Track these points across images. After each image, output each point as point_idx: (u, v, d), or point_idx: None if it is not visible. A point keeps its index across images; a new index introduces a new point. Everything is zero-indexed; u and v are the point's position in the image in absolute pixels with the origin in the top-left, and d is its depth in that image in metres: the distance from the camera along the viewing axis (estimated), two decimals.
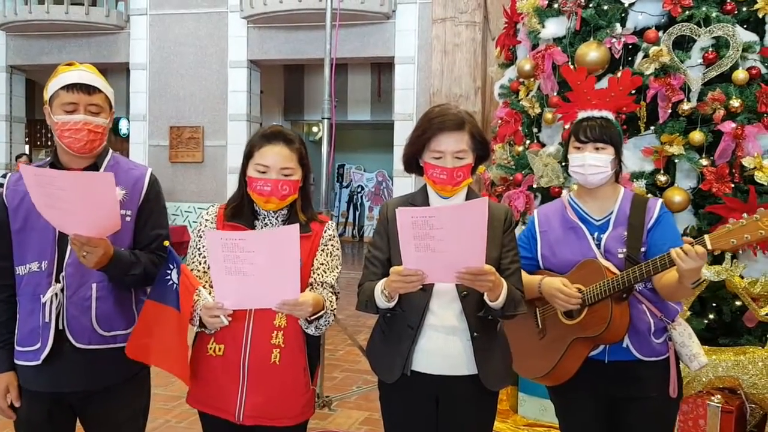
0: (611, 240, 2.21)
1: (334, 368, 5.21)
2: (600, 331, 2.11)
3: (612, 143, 2.23)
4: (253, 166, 2.09)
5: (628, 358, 2.19)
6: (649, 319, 2.20)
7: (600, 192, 2.27)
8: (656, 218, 2.21)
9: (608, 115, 2.31)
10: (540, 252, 2.34)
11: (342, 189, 16.17)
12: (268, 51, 10.69)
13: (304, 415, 2.14)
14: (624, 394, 2.21)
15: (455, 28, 7.40)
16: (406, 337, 2.07)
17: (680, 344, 2.21)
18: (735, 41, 3.56)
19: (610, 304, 2.10)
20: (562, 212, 2.33)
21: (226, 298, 1.86)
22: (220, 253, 1.78)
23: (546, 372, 2.25)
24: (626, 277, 2.08)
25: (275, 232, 1.86)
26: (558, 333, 2.24)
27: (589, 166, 2.21)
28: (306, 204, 2.17)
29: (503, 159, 4.55)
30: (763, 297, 3.34)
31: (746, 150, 3.49)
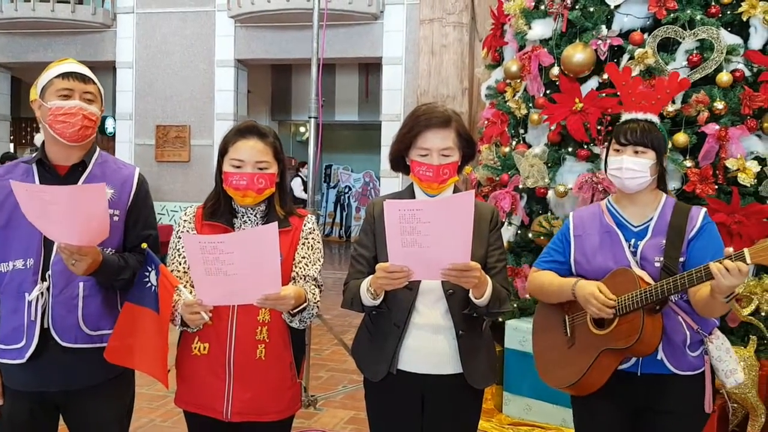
0: (648, 248, 2.11)
1: (320, 368, 5.20)
2: (631, 343, 2.00)
3: (653, 147, 2.12)
4: (228, 161, 2.09)
5: (662, 371, 2.09)
6: (685, 331, 2.08)
7: (640, 198, 2.17)
8: (699, 228, 2.10)
9: (653, 118, 2.21)
10: (573, 257, 2.24)
11: (329, 189, 16.16)
12: (255, 50, 10.66)
13: (291, 409, 2.15)
14: (655, 407, 2.11)
15: (443, 29, 7.41)
16: (392, 335, 2.07)
17: (717, 359, 2.09)
18: (719, 44, 3.59)
19: (641, 316, 2.00)
20: (600, 216, 2.22)
21: (208, 296, 1.86)
22: (199, 256, 1.79)
23: (573, 382, 2.14)
24: (660, 289, 1.97)
25: (253, 232, 1.87)
26: (587, 342, 2.14)
27: (626, 170, 2.11)
28: (284, 199, 2.17)
29: (490, 160, 4.57)
30: (745, 297, 3.38)
31: (730, 152, 3.52)
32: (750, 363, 3.20)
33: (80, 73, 2.06)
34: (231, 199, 2.13)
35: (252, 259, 1.78)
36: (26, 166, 2.11)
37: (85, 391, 2.10)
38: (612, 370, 2.09)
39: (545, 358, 2.27)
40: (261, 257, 1.79)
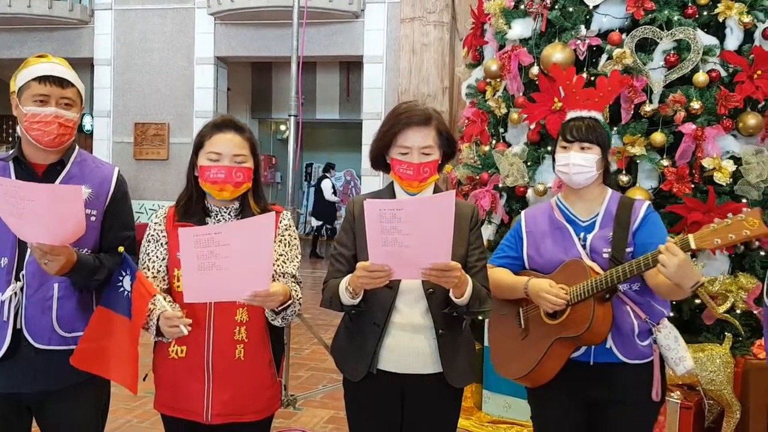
0: (597, 240, 2.18)
1: (299, 367, 5.18)
2: (581, 331, 2.06)
3: (599, 143, 2.20)
4: (204, 155, 2.06)
5: (611, 360, 2.14)
6: (633, 320, 2.15)
7: (587, 193, 2.25)
8: (642, 218, 2.18)
9: (597, 115, 2.28)
10: (526, 252, 2.32)
11: (310, 188, 16.09)
12: (235, 48, 10.60)
13: (270, 408, 2.14)
14: (605, 396, 2.16)
15: (423, 27, 7.41)
16: (371, 335, 2.06)
17: (665, 347, 2.16)
18: (696, 44, 3.63)
19: (592, 304, 2.06)
20: (550, 213, 2.30)
21: (195, 293, 1.83)
22: (193, 250, 1.76)
23: (527, 372, 2.20)
24: (609, 277, 2.04)
25: (252, 222, 1.84)
26: (540, 333, 2.20)
27: (573, 166, 2.18)
28: (258, 195, 2.15)
29: (470, 158, 4.58)
30: (721, 295, 3.42)
31: (706, 151, 3.56)
32: (725, 360, 3.24)
33: (58, 78, 2.00)
34: (204, 197, 2.11)
35: (246, 252, 1.76)
36: (2, 163, 2.06)
37: (58, 392, 2.06)
38: (564, 360, 2.14)
39: (500, 351, 2.31)
40: (255, 249, 1.77)
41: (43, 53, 2.12)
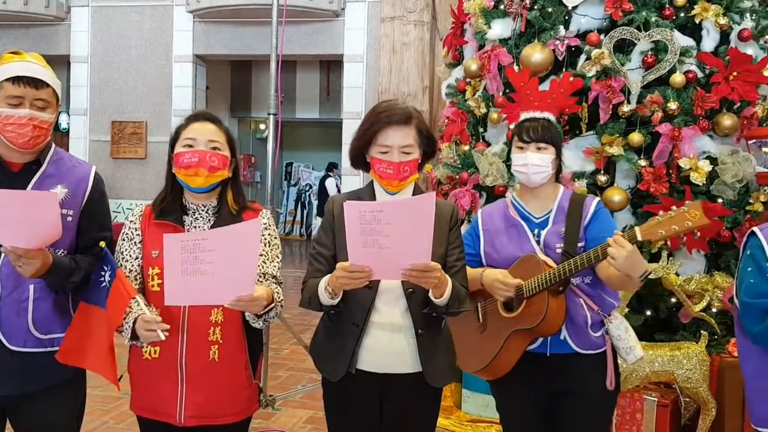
0: (550, 236, 2.28)
1: (279, 367, 5.16)
2: (536, 322, 2.15)
3: (553, 143, 2.30)
4: (179, 144, 2.05)
5: (566, 351, 2.24)
6: (586, 312, 2.25)
7: (540, 191, 2.34)
8: (592, 214, 2.28)
9: (550, 116, 2.38)
10: (483, 249, 2.39)
11: (290, 187, 16.05)
12: (214, 46, 10.52)
13: (247, 410, 2.11)
14: (562, 386, 2.25)
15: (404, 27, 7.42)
16: (350, 335, 2.05)
17: (616, 337, 2.27)
18: (673, 46, 3.66)
19: (546, 297, 2.16)
20: (505, 211, 2.39)
21: (177, 296, 1.81)
22: (178, 255, 1.74)
23: (485, 365, 2.28)
24: (562, 270, 2.13)
25: (239, 228, 1.83)
26: (497, 326, 2.28)
27: (531, 166, 2.27)
28: (237, 193, 2.12)
29: (450, 158, 4.58)
30: (697, 294, 3.46)
31: (683, 151, 3.60)
32: (701, 358, 3.27)
33: (32, 78, 1.96)
34: (181, 195, 2.08)
35: (231, 258, 1.75)
36: None
37: (34, 394, 2.03)
38: (521, 352, 2.23)
39: (460, 345, 2.35)
40: (241, 255, 1.76)
41: (17, 50, 2.07)
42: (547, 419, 2.30)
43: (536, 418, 2.30)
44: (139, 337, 1.91)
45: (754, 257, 1.98)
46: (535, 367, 2.25)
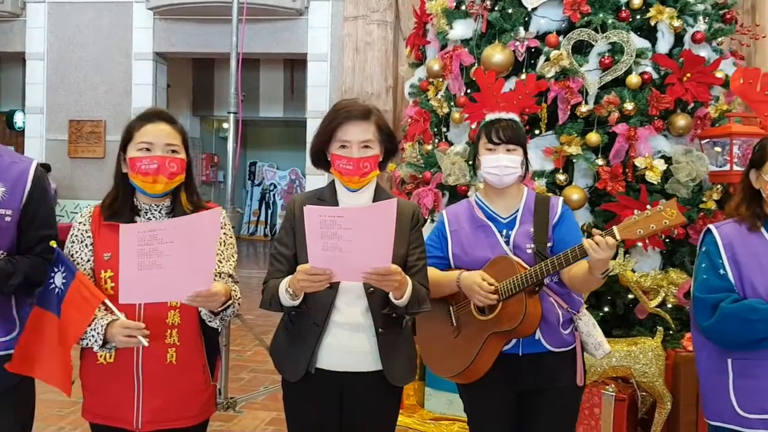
0: (519, 236, 2.27)
1: (241, 369, 5.11)
2: (515, 324, 2.14)
3: (520, 144, 2.31)
4: (134, 147, 1.98)
5: (540, 350, 2.25)
6: (557, 311, 2.27)
7: (507, 191, 2.34)
8: (560, 215, 2.31)
9: (514, 117, 2.38)
10: (451, 251, 2.37)
11: (254, 187, 15.92)
12: (175, 44, 10.37)
13: (205, 413, 2.09)
14: (534, 384, 2.26)
15: (367, 26, 7.42)
16: (311, 334, 2.05)
17: (586, 334, 2.31)
18: (629, 47, 3.74)
19: (524, 298, 2.15)
20: (471, 212, 2.37)
21: (132, 294, 1.77)
22: (135, 248, 1.69)
23: (462, 369, 2.25)
24: (538, 271, 2.13)
25: (197, 219, 1.80)
26: (473, 330, 2.26)
27: (504, 167, 2.27)
28: (191, 191, 2.09)
29: (413, 157, 4.60)
30: (652, 290, 3.53)
31: (638, 151, 3.67)
32: (657, 353, 3.34)
33: None
34: (132, 195, 2.03)
35: (190, 250, 1.71)
36: None
37: None
38: (497, 354, 2.23)
39: (432, 349, 2.36)
40: (199, 248, 1.73)
41: None
42: (517, 419, 2.30)
43: (507, 419, 2.29)
44: (114, 343, 1.86)
45: (708, 254, 2.04)
46: (507, 368, 2.24)
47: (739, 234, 2.02)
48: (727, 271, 1.99)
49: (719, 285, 1.98)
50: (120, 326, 1.84)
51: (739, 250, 2.00)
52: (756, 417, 1.94)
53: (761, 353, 1.93)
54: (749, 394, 1.95)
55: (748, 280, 1.96)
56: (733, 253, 2.00)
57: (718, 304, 1.95)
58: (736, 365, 1.98)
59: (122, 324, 1.84)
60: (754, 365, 1.95)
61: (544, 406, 2.27)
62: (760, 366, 1.94)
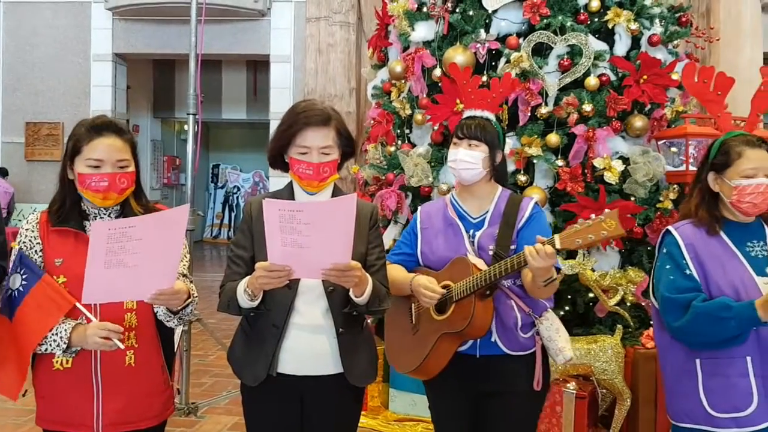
0: (484, 237, 2.27)
1: (203, 374, 5.05)
2: (463, 326, 2.14)
3: (486, 142, 2.28)
4: (82, 162, 1.93)
5: (496, 353, 2.23)
6: (516, 314, 2.24)
7: (478, 190, 2.33)
8: (528, 217, 2.27)
9: (490, 115, 2.39)
10: (420, 249, 2.37)
11: (217, 190, 15.74)
12: (135, 45, 10.20)
13: (164, 414, 2.08)
14: (492, 388, 2.25)
15: (329, 27, 7.40)
16: (270, 337, 2.03)
17: (547, 338, 2.25)
18: (587, 50, 3.79)
19: (473, 301, 2.14)
20: (444, 210, 2.37)
21: (95, 293, 1.74)
22: (104, 245, 1.66)
23: (416, 366, 2.27)
24: (487, 275, 2.11)
25: (166, 215, 1.78)
26: (429, 328, 2.27)
27: (460, 161, 2.27)
28: (139, 195, 2.06)
29: (376, 159, 4.60)
30: (612, 289, 3.59)
31: (597, 152, 3.73)
32: (617, 351, 3.40)
33: None
34: (79, 200, 1.99)
35: (157, 248, 1.69)
36: None
37: None
38: (451, 354, 2.22)
39: (394, 345, 2.37)
40: (166, 245, 1.71)
41: None
42: (476, 419, 2.29)
43: (466, 417, 2.29)
44: (83, 345, 1.84)
45: (671, 255, 2.04)
46: (465, 368, 2.24)
47: (699, 235, 2.04)
48: (692, 271, 2.00)
49: (687, 285, 1.99)
50: (97, 327, 1.82)
51: (701, 251, 2.01)
52: (727, 416, 1.95)
53: (731, 351, 1.95)
54: (720, 393, 1.96)
55: (713, 280, 1.98)
56: (695, 253, 2.01)
57: (689, 304, 1.95)
58: (705, 365, 1.99)
59: (100, 325, 1.81)
60: (724, 364, 1.96)
61: (500, 411, 2.25)
62: (731, 365, 1.95)
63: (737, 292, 1.95)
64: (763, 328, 1.94)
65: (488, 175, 2.31)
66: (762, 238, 2.06)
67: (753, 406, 1.93)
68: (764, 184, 1.99)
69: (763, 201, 2.00)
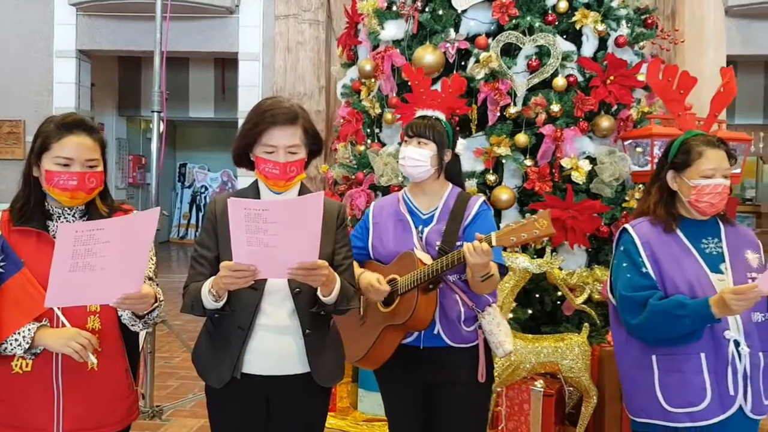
0: (432, 233, 2.33)
1: (169, 376, 4.97)
2: (405, 319, 2.22)
3: (434, 140, 2.34)
4: (51, 159, 1.89)
5: (439, 345, 2.30)
6: (460, 308, 2.31)
7: (428, 187, 2.39)
8: (474, 214, 2.34)
9: (440, 115, 2.44)
10: (371, 242, 2.43)
11: (184, 189, 15.52)
12: (99, 41, 10.00)
13: (128, 418, 2.03)
14: (436, 379, 2.31)
15: (298, 25, 7.35)
16: (235, 338, 1.99)
17: (488, 332, 2.33)
18: (555, 50, 3.82)
19: (416, 294, 2.21)
20: (396, 205, 2.44)
21: (59, 297, 1.70)
22: (70, 248, 1.62)
23: (361, 356, 2.35)
24: (429, 269, 2.18)
25: (135, 218, 1.75)
26: (375, 319, 2.35)
27: (408, 158, 2.34)
28: (105, 194, 2.01)
29: (345, 158, 4.57)
30: (579, 287, 3.62)
31: (565, 151, 3.76)
32: (583, 349, 3.42)
33: None
34: (43, 199, 1.94)
35: (125, 251, 1.65)
36: None
37: None
38: (396, 345, 2.31)
39: (343, 335, 2.37)
40: (135, 249, 1.67)
41: None
42: (425, 408, 2.36)
43: (415, 406, 2.35)
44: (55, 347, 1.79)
45: (628, 253, 2.08)
46: (410, 359, 2.31)
47: (656, 233, 2.08)
48: (648, 269, 2.04)
49: (643, 283, 2.03)
50: (79, 334, 1.78)
51: (657, 249, 2.05)
52: (682, 411, 1.99)
53: (686, 348, 1.99)
54: (675, 389, 2.00)
55: (669, 278, 2.02)
56: (651, 251, 2.05)
57: (646, 302, 1.99)
58: (661, 362, 2.03)
59: (83, 333, 1.78)
60: (680, 360, 2.00)
61: (447, 401, 2.32)
62: (686, 361, 1.99)
63: (692, 289, 1.99)
64: (717, 325, 1.98)
65: (437, 172, 2.37)
66: (717, 235, 2.10)
67: (706, 401, 1.98)
68: (722, 184, 2.04)
69: (721, 201, 2.05)
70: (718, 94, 3.50)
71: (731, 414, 1.98)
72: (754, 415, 2.01)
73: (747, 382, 1.99)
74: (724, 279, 2.02)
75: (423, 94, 3.05)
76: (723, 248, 2.08)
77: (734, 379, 1.98)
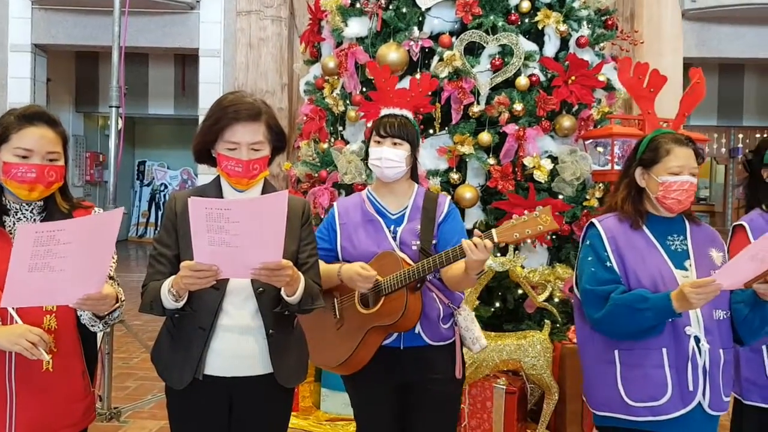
0: (406, 233, 2.33)
1: (127, 377, 4.88)
2: (396, 319, 2.20)
3: (408, 140, 2.35)
4: (9, 150, 1.84)
5: (419, 344, 2.31)
6: (438, 306, 2.34)
7: (397, 187, 2.39)
8: (446, 213, 2.37)
9: (408, 114, 2.45)
10: (340, 243, 2.40)
11: (143, 187, 15.25)
12: (55, 35, 9.75)
13: (85, 421, 1.99)
14: (416, 377, 2.32)
15: (261, 21, 7.27)
16: (197, 339, 1.96)
17: (465, 328, 2.38)
18: (518, 50, 3.85)
19: (405, 294, 2.20)
20: (362, 206, 2.42)
21: (17, 297, 1.64)
22: (29, 249, 1.56)
23: (342, 361, 2.31)
24: (421, 268, 2.18)
25: (98, 219, 1.72)
26: (355, 322, 2.30)
27: (385, 160, 2.32)
28: (64, 191, 1.96)
29: (308, 156, 4.54)
30: (540, 285, 3.66)
31: (527, 151, 3.79)
32: (545, 346, 3.46)
33: None
34: (0, 193, 1.89)
35: (86, 251, 1.61)
36: None
37: None
38: (377, 347, 2.29)
39: (317, 342, 2.37)
40: (97, 249, 1.63)
41: None
42: (399, 411, 2.35)
43: (389, 410, 2.35)
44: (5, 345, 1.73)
45: (593, 247, 2.11)
46: (389, 361, 2.30)
47: (622, 228, 2.11)
48: (612, 263, 2.06)
49: (607, 277, 2.05)
50: (29, 330, 1.72)
51: (622, 244, 2.08)
52: (643, 405, 2.02)
53: (648, 343, 2.01)
54: (636, 383, 2.02)
55: (633, 272, 2.05)
56: (617, 246, 2.07)
57: (609, 296, 2.01)
58: (623, 356, 2.05)
59: (34, 330, 1.73)
60: (641, 355, 2.02)
61: (424, 397, 2.33)
62: (647, 355, 2.02)
63: (656, 284, 2.02)
64: (678, 321, 2.01)
65: (409, 172, 2.39)
66: (682, 232, 2.14)
67: (667, 395, 2.00)
68: (689, 182, 2.07)
69: (687, 198, 2.08)
70: (687, 95, 3.57)
71: (691, 409, 2.01)
72: (712, 411, 2.04)
73: (706, 378, 2.02)
74: (688, 275, 2.05)
75: (390, 92, 3.04)
76: (688, 246, 2.11)
77: (694, 375, 2.00)
